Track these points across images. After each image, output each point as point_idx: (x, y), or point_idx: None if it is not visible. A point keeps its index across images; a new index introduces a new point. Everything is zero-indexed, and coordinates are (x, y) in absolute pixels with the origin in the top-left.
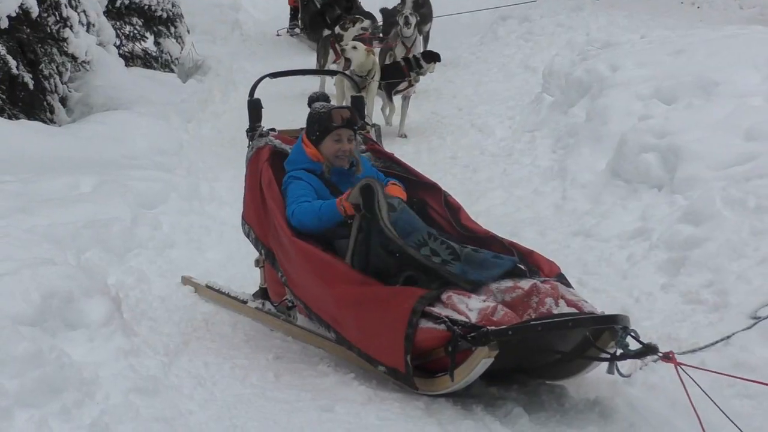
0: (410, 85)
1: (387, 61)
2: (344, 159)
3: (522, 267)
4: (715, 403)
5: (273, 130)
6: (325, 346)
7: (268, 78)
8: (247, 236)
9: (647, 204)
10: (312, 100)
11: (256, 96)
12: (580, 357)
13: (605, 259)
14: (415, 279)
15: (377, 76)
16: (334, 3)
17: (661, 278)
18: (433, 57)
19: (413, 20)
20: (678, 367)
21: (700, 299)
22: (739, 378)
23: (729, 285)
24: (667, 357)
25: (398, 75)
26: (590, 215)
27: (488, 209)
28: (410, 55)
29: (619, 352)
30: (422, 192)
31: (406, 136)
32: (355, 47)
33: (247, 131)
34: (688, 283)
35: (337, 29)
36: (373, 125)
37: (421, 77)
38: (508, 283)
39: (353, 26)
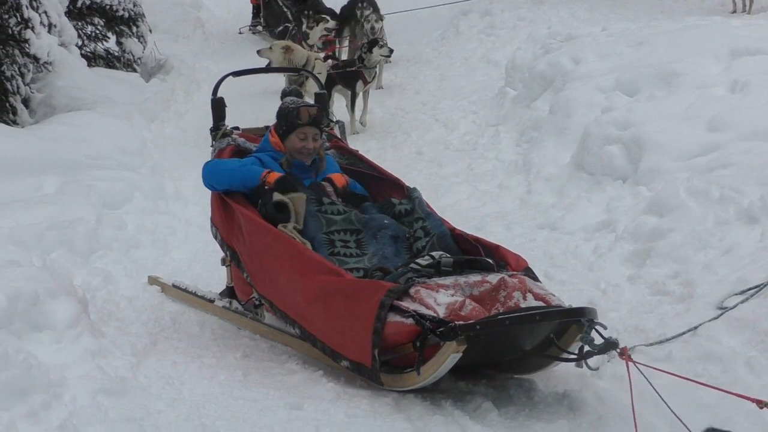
0: (365, 81)
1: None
2: (307, 156)
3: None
4: (667, 404)
5: (237, 128)
6: (293, 344)
7: (231, 77)
8: (215, 237)
9: (612, 196)
10: (284, 94)
11: (219, 95)
12: (544, 357)
13: (571, 251)
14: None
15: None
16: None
17: (627, 270)
18: (374, 43)
19: (378, 26)
20: (630, 365)
21: (666, 290)
22: (693, 381)
23: (695, 275)
24: (622, 353)
25: (352, 73)
26: (555, 208)
27: (454, 204)
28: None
29: (587, 348)
30: (387, 189)
31: (365, 125)
32: (270, 48)
33: (211, 130)
34: (655, 274)
35: (304, 27)
36: (337, 122)
37: (373, 68)
38: (475, 277)
39: (317, 26)
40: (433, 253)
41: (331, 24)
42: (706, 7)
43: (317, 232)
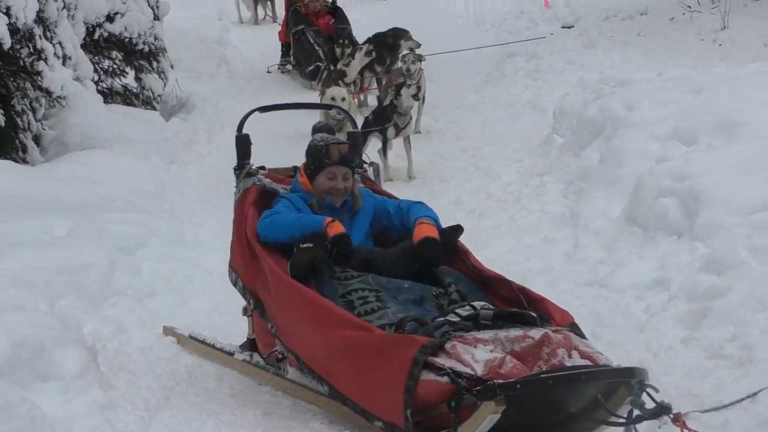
0: (397, 129)
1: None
2: (337, 196)
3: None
4: None
5: (263, 168)
6: (318, 402)
7: (257, 113)
8: (234, 285)
9: (666, 252)
10: (315, 130)
11: (244, 132)
12: (590, 420)
13: (621, 310)
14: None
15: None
16: (334, 45)
17: (681, 331)
18: (401, 86)
19: (416, 67)
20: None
21: (723, 354)
22: None
23: (754, 339)
24: (676, 419)
25: (385, 117)
26: (604, 264)
27: (495, 258)
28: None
29: (636, 412)
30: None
31: (415, 178)
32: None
33: (235, 169)
34: (711, 336)
35: (339, 65)
36: (371, 163)
37: (406, 117)
38: (517, 332)
39: (353, 59)
40: (474, 303)
41: (366, 48)
42: None
43: (333, 297)
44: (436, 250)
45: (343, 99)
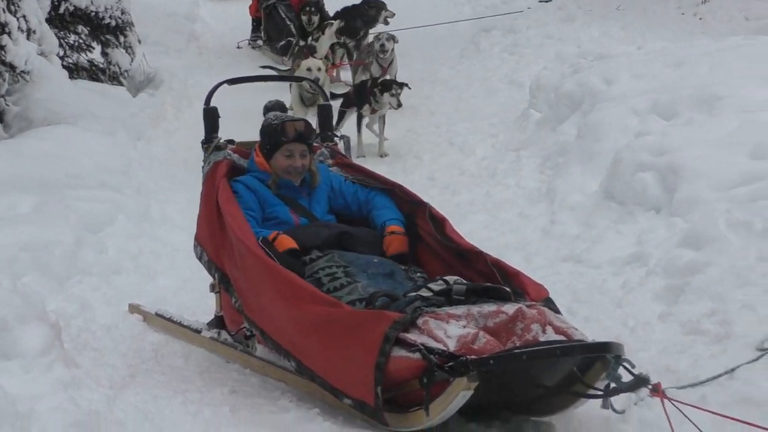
0: (373, 111)
1: (361, 78)
2: (295, 175)
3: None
4: None
5: (231, 142)
6: (287, 379)
7: (226, 85)
8: (200, 259)
9: (643, 227)
10: (267, 109)
11: (212, 105)
12: (568, 393)
13: (597, 286)
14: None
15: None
16: (300, 13)
17: (658, 307)
18: (387, 87)
19: (390, 45)
20: (665, 401)
21: (701, 329)
22: (736, 420)
23: (733, 314)
24: (655, 390)
25: (364, 94)
26: (581, 239)
27: (470, 233)
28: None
29: (612, 385)
30: (404, 208)
31: (387, 155)
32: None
33: (203, 142)
34: (689, 312)
35: (309, 40)
36: (342, 136)
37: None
38: (490, 307)
39: (324, 34)
40: (447, 278)
41: (336, 24)
42: (752, 28)
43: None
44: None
45: (320, 69)
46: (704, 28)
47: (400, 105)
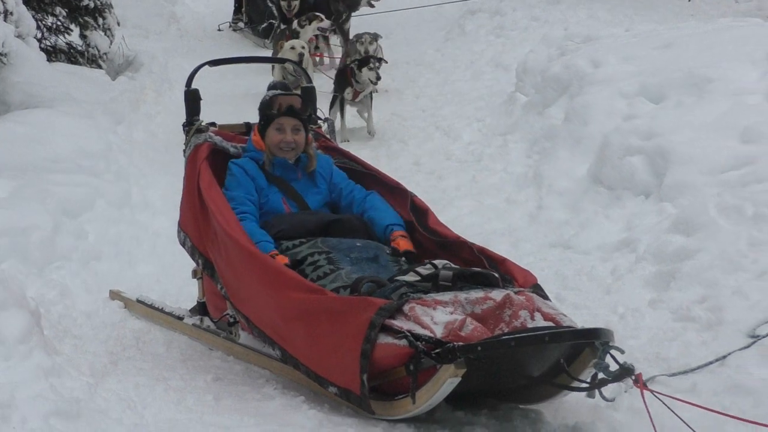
0: (355, 93)
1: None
2: (288, 151)
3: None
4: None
5: (213, 124)
6: (271, 367)
7: (207, 67)
8: (183, 245)
9: (632, 212)
10: (270, 88)
11: (194, 87)
12: (553, 385)
13: (586, 272)
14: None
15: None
16: None
17: (648, 293)
18: (365, 62)
19: (372, 47)
20: (647, 395)
21: (691, 316)
22: (713, 411)
23: (724, 300)
24: (636, 381)
25: (344, 78)
26: (569, 225)
27: (455, 219)
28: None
29: (600, 375)
30: (386, 195)
31: (374, 133)
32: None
33: (184, 125)
34: (679, 298)
35: (294, 25)
36: (326, 119)
37: (364, 85)
38: (478, 294)
39: (309, 24)
40: (436, 261)
41: (326, 24)
42: (741, 10)
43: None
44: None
45: (303, 48)
46: (693, 9)
47: (378, 78)
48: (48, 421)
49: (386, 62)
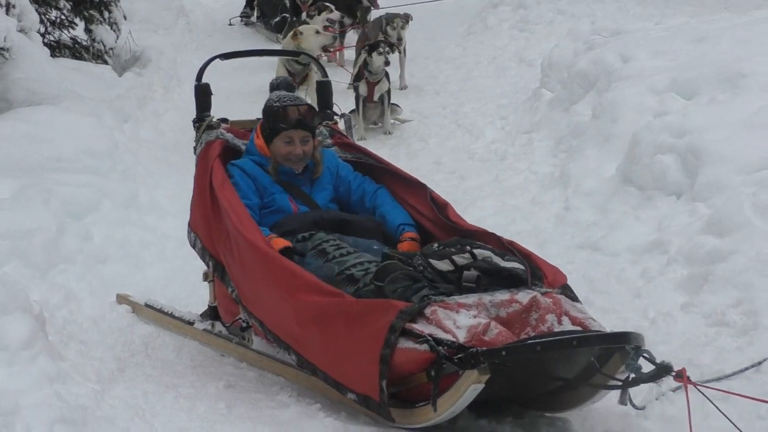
0: (370, 85)
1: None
2: (296, 162)
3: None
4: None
5: (225, 120)
6: (286, 374)
7: (218, 60)
8: (193, 246)
9: (664, 213)
10: (272, 87)
11: (204, 82)
12: (585, 384)
13: (615, 275)
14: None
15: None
16: None
17: (680, 297)
18: (374, 47)
19: (404, 33)
20: (688, 387)
21: (726, 320)
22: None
23: (760, 304)
24: (679, 376)
25: (359, 77)
26: (597, 226)
27: (478, 220)
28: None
29: (632, 376)
30: (403, 191)
31: (390, 133)
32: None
33: (194, 121)
34: (713, 302)
35: (303, 16)
36: (343, 115)
37: (378, 75)
38: (503, 296)
39: (319, 15)
40: (475, 251)
41: (336, 15)
42: None
43: (305, 249)
44: None
45: (317, 33)
46: (727, 2)
47: (388, 63)
48: (53, 429)
49: (396, 49)
